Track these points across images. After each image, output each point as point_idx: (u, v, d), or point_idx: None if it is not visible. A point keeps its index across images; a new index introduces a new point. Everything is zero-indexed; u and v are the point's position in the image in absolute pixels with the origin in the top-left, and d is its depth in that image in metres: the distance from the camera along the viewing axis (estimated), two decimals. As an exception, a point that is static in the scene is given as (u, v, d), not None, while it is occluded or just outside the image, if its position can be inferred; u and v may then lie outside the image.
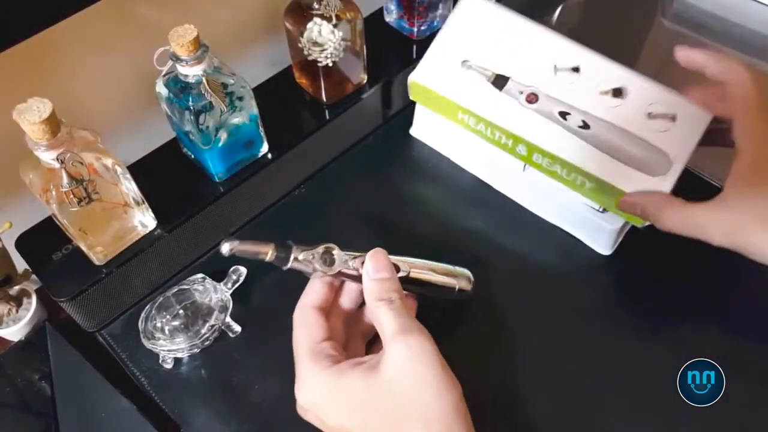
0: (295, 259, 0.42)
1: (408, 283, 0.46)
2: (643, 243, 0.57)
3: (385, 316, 0.40)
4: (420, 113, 0.64)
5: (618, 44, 0.77)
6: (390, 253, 0.45)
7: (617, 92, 0.51)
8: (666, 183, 0.49)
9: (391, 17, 0.71)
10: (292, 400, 0.42)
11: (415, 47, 0.70)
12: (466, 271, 0.50)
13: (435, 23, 0.70)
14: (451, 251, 0.51)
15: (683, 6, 0.79)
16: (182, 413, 0.50)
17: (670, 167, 0.49)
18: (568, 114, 0.51)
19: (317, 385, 0.40)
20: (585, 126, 0.51)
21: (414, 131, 0.66)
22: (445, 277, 0.48)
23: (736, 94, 0.46)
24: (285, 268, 0.43)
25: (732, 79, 0.46)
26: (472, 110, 0.54)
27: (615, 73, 0.52)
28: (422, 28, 0.69)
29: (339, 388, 0.39)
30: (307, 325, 0.43)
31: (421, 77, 0.56)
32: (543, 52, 0.53)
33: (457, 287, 0.49)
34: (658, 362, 0.51)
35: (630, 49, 0.77)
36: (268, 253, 0.41)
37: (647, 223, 0.50)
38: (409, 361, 0.38)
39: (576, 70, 0.52)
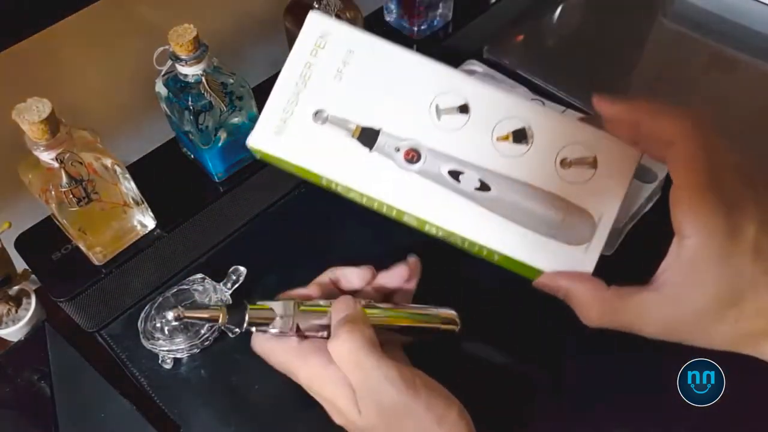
0: (251, 322, 0.39)
1: (388, 330, 0.44)
2: (643, 242, 0.56)
3: (344, 367, 0.38)
4: None
5: (618, 44, 0.77)
6: (385, 260, 0.44)
7: (519, 136, 0.40)
8: (590, 254, 0.39)
9: (391, 17, 0.71)
10: (292, 400, 0.42)
11: (415, 47, 0.70)
12: (452, 312, 0.47)
13: (435, 23, 0.70)
14: (450, 248, 0.51)
15: (684, 6, 0.79)
16: (182, 413, 0.50)
17: (594, 231, 0.39)
18: (461, 173, 0.39)
19: None
20: (483, 187, 0.39)
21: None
22: (425, 324, 0.45)
23: (678, 158, 0.35)
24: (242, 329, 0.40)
25: (674, 137, 0.35)
26: (334, 179, 0.40)
27: (514, 110, 0.40)
28: (422, 27, 0.69)
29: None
30: None
31: (261, 141, 0.40)
32: (421, 89, 0.40)
33: (441, 328, 0.46)
34: (658, 362, 0.51)
35: (630, 49, 0.77)
36: (219, 317, 0.38)
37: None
38: (386, 420, 0.37)
39: (464, 109, 0.40)
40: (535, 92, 0.64)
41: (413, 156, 0.40)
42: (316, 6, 0.57)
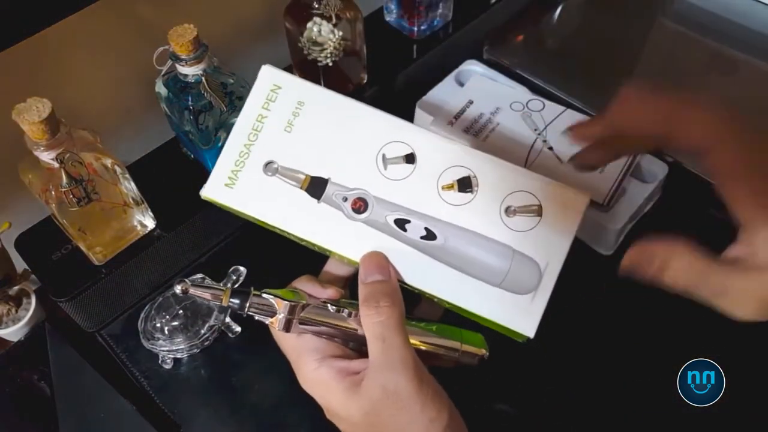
0: (253, 305, 0.38)
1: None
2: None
3: (369, 333, 0.37)
4: (420, 114, 0.64)
5: (619, 44, 0.77)
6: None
7: (464, 184, 0.40)
8: (536, 304, 0.38)
9: (391, 17, 0.71)
10: (292, 400, 0.42)
11: (415, 47, 0.70)
12: (478, 337, 0.42)
13: (435, 23, 0.70)
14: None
15: (684, 6, 0.79)
16: (182, 413, 0.50)
17: (540, 279, 0.39)
18: (407, 222, 0.40)
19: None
20: (429, 236, 0.39)
21: None
22: (442, 349, 0.41)
23: (721, 170, 0.35)
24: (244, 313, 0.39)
25: (710, 144, 0.34)
26: (285, 230, 0.41)
27: (459, 158, 0.40)
28: (422, 27, 0.69)
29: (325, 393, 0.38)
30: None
31: (213, 192, 0.41)
32: (369, 139, 0.41)
33: (458, 357, 0.42)
34: (658, 362, 0.51)
35: (631, 49, 0.77)
36: (222, 298, 0.38)
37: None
38: (383, 404, 0.36)
39: (410, 159, 0.40)
40: (535, 92, 0.64)
41: (360, 205, 0.40)
42: (316, 6, 0.57)
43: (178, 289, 0.37)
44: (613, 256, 0.57)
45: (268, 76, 0.42)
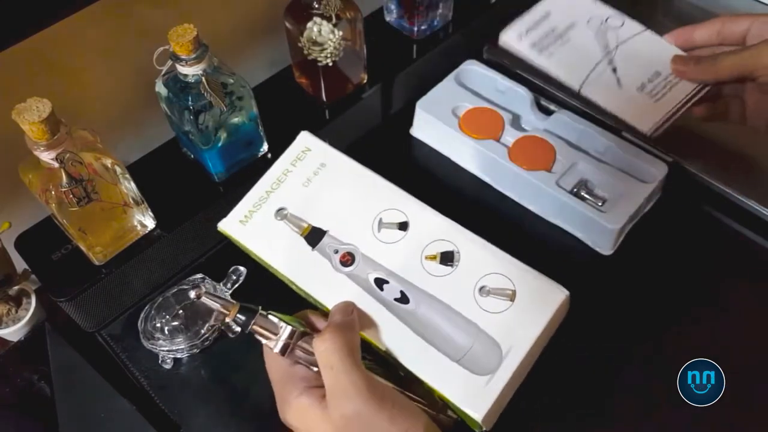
0: (256, 323, 0.39)
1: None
2: (643, 243, 0.57)
3: (320, 364, 0.37)
4: (420, 114, 0.64)
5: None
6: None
7: (446, 258, 0.42)
8: (491, 387, 0.38)
9: (391, 17, 0.71)
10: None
11: (415, 47, 0.70)
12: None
13: (435, 23, 0.70)
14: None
15: (684, 6, 0.79)
16: (182, 413, 0.50)
17: (500, 364, 0.39)
18: (386, 282, 0.42)
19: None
20: (403, 299, 0.41)
21: (414, 131, 0.66)
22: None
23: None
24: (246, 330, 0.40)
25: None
26: (277, 269, 0.45)
27: (448, 233, 0.43)
28: (422, 27, 0.69)
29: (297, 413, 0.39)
30: None
31: (230, 225, 0.46)
32: (372, 203, 0.45)
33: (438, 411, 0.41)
34: (658, 362, 0.51)
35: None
36: (229, 313, 0.39)
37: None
38: (351, 429, 0.36)
39: (404, 227, 0.44)
40: (535, 92, 0.64)
41: (348, 259, 0.43)
42: (316, 6, 0.57)
43: (192, 294, 0.38)
44: (613, 256, 0.57)
45: (303, 140, 0.48)
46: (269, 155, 0.59)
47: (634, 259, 0.57)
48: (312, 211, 0.45)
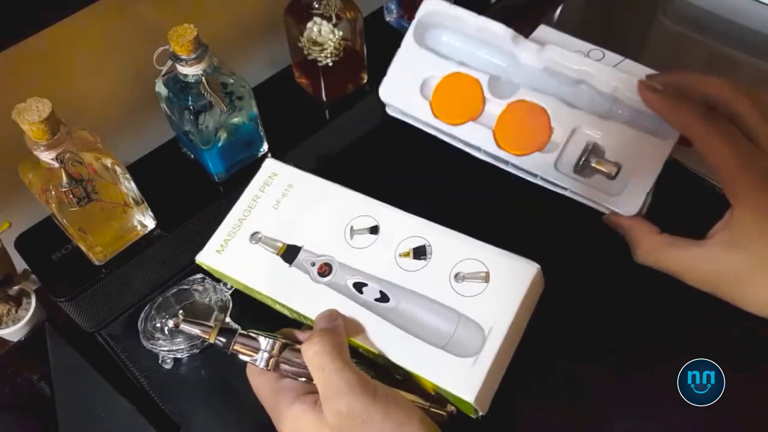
0: (237, 343, 0.41)
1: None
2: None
3: (310, 368, 0.38)
4: (390, 108, 0.58)
5: (618, 44, 0.77)
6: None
7: (419, 252, 0.44)
8: (477, 367, 0.39)
9: (391, 17, 0.71)
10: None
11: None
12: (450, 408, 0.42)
13: (435, 23, 0.70)
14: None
15: (684, 6, 0.79)
16: (182, 413, 0.50)
17: (483, 344, 0.40)
18: (365, 285, 0.43)
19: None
20: (383, 298, 0.43)
21: (389, 110, 0.59)
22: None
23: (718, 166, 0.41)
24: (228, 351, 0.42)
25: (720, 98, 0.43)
26: (260, 291, 0.46)
27: (417, 230, 0.45)
28: (422, 27, 0.69)
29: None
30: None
31: (207, 256, 0.48)
32: (342, 214, 0.46)
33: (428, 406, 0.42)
34: (658, 362, 0.51)
35: (630, 48, 0.77)
36: (210, 335, 0.41)
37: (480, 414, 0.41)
38: (346, 426, 0.36)
39: (374, 230, 0.45)
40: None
41: (325, 270, 0.45)
42: (316, 6, 0.57)
43: (171, 323, 0.41)
44: (612, 256, 0.57)
45: (269, 166, 0.50)
46: (269, 155, 0.59)
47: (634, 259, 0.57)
48: (285, 230, 0.47)
